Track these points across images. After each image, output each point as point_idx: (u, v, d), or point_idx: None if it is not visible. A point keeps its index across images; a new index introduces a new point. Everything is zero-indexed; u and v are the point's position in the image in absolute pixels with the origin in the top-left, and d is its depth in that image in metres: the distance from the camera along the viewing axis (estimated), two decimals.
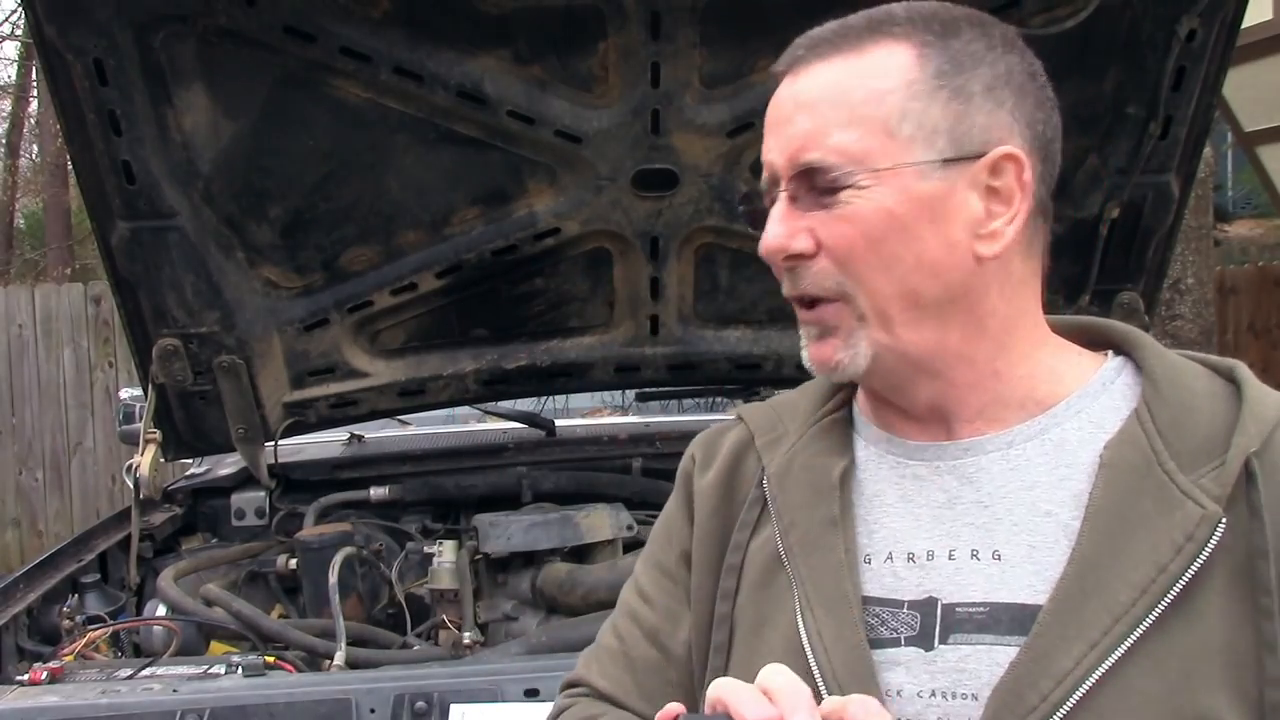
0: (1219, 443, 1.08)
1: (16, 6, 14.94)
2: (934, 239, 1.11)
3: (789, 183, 1.14)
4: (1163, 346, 1.18)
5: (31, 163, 17.77)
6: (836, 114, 1.11)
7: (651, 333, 3.35)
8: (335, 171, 2.92)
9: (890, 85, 1.11)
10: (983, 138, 1.12)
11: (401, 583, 3.09)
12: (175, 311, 3.00)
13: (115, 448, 8.47)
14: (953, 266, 1.12)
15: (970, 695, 1.08)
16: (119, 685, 2.30)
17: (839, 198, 1.11)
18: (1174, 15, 2.74)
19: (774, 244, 1.15)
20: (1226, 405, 1.11)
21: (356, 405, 3.38)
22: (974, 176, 1.12)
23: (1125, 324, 1.23)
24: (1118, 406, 1.14)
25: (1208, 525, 1.04)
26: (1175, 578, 1.03)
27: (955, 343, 1.14)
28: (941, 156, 1.11)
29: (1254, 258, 12.89)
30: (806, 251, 1.14)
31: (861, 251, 1.11)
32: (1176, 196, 3.09)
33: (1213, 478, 1.06)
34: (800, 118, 1.13)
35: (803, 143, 1.13)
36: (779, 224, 1.15)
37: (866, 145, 1.10)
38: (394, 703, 2.16)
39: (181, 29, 2.61)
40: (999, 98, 1.13)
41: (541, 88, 2.80)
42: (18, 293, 9.29)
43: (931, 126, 1.11)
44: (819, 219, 1.13)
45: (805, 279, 1.15)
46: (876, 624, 1.14)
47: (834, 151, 1.11)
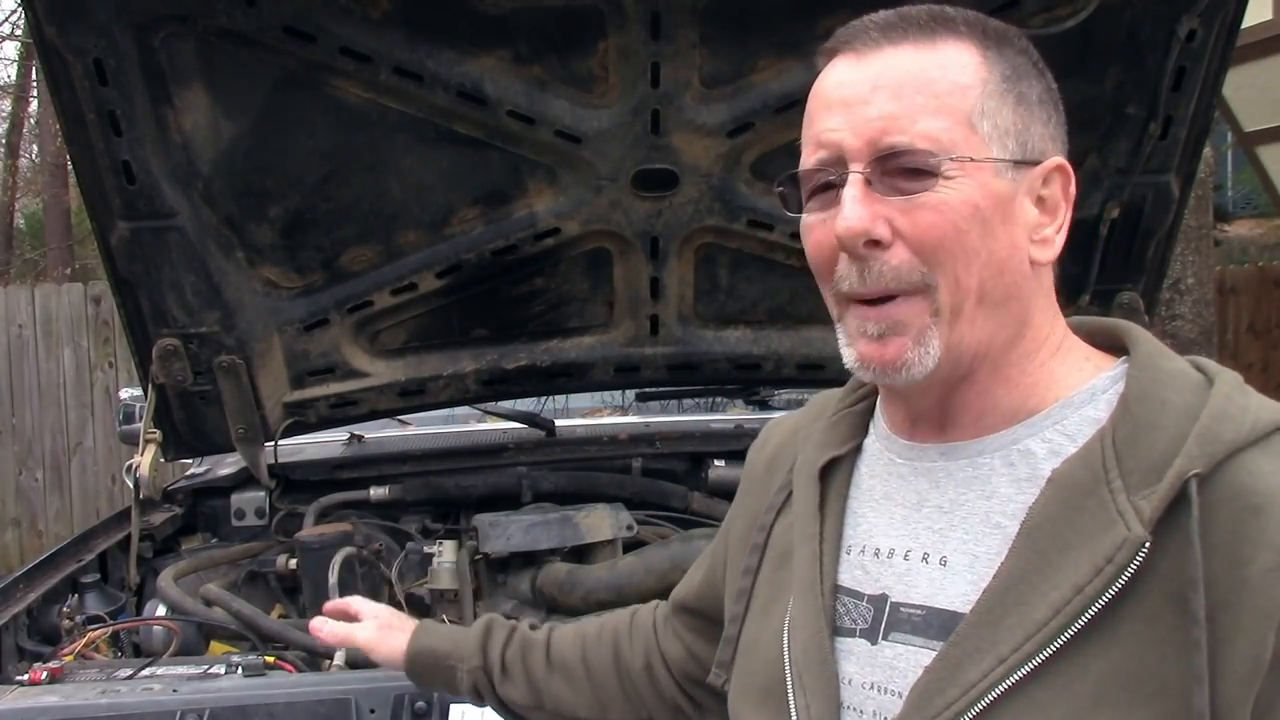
0: (1169, 462, 1.03)
1: (16, 6, 14.95)
2: (1004, 237, 1.11)
3: (868, 165, 1.09)
4: (1159, 354, 1.13)
5: (31, 163, 17.77)
6: (924, 100, 1.09)
7: (651, 333, 3.35)
8: (335, 171, 2.92)
9: (970, 80, 1.10)
10: (1040, 146, 1.14)
11: (401, 583, 3.08)
12: (175, 311, 3.00)
13: (115, 448, 8.47)
14: (1014, 268, 1.12)
15: (897, 693, 1.11)
16: (119, 685, 2.30)
17: (928, 185, 1.08)
18: (1174, 15, 2.73)
19: (858, 226, 1.08)
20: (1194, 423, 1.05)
21: (356, 405, 3.38)
22: (1031, 183, 1.13)
23: (1134, 328, 1.19)
24: (1097, 419, 1.10)
25: (1129, 549, 1.01)
26: (1091, 600, 1.01)
27: (999, 344, 1.13)
28: (1013, 158, 1.11)
29: (1254, 258, 12.89)
30: (884, 239, 1.09)
31: (950, 241, 1.08)
32: (1176, 196, 3.09)
33: (1148, 499, 1.02)
34: (880, 99, 1.09)
35: (885, 125, 1.08)
36: (859, 205, 1.09)
37: (954, 136, 1.08)
38: (394, 703, 2.16)
39: (181, 29, 2.61)
40: (1048, 111, 1.16)
41: (541, 88, 2.80)
42: (18, 293, 9.29)
43: (1004, 128, 1.11)
44: (898, 207, 1.09)
45: (885, 274, 1.09)
46: (843, 613, 1.18)
47: (922, 137, 1.08)
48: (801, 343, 3.41)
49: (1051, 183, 1.15)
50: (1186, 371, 1.11)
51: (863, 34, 1.13)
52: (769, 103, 2.80)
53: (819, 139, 1.12)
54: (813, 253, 1.15)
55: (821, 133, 1.12)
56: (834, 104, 1.12)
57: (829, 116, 1.12)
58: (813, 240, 1.14)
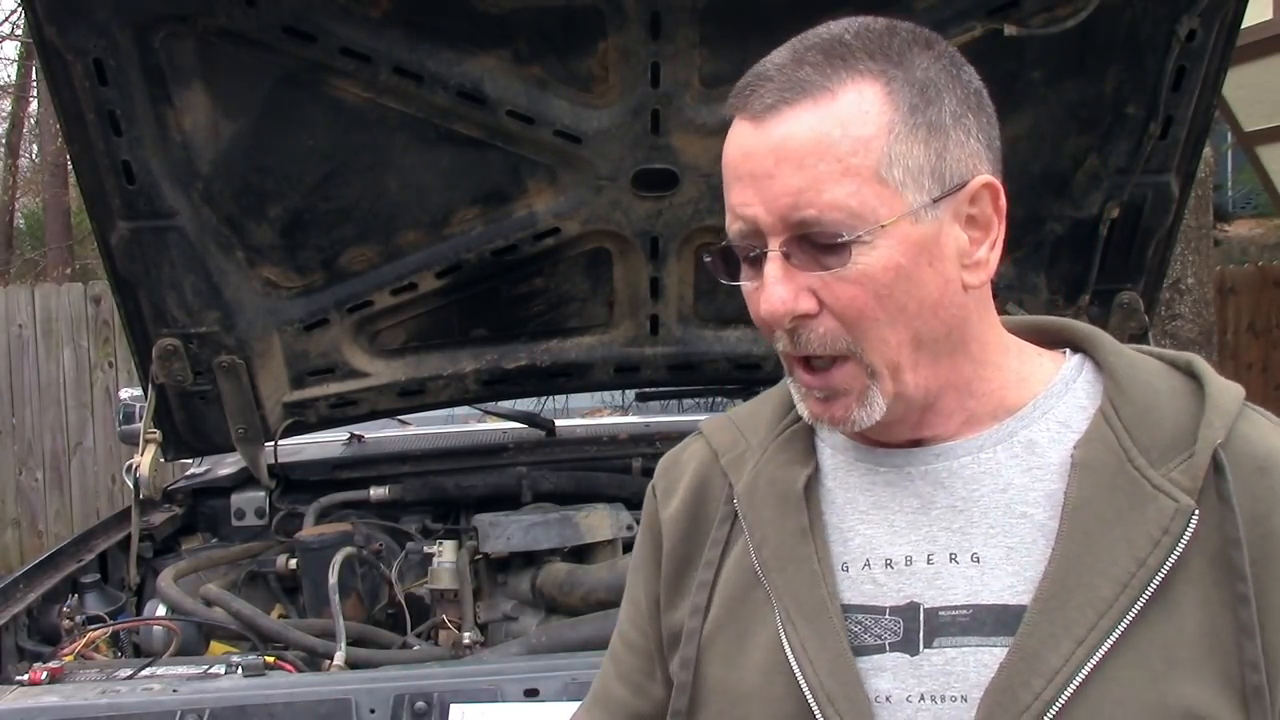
0: (1185, 436, 1.10)
1: (16, 6, 14.94)
2: (932, 280, 1.10)
3: (783, 242, 1.08)
4: (1118, 344, 1.19)
5: (31, 163, 17.78)
6: (827, 167, 1.06)
7: (651, 333, 3.35)
8: (335, 171, 2.92)
9: (873, 130, 1.07)
10: (960, 169, 1.10)
11: (401, 583, 3.09)
12: (175, 311, 3.00)
13: (115, 448, 8.46)
14: (949, 302, 1.11)
15: (960, 697, 1.09)
16: (119, 685, 2.30)
17: (844, 257, 1.07)
18: (1174, 15, 2.73)
19: (781, 308, 1.09)
20: (1188, 399, 1.13)
21: (356, 405, 3.38)
22: (957, 209, 1.11)
23: (1081, 322, 1.25)
24: (1083, 405, 1.15)
25: (1182, 518, 1.06)
26: (1154, 571, 1.05)
27: (945, 373, 1.14)
28: (931, 196, 1.08)
29: (1254, 258, 12.89)
30: (810, 312, 1.09)
31: (872, 310, 1.08)
32: (1176, 196, 3.09)
33: (1182, 470, 1.08)
34: (785, 172, 1.07)
35: (794, 200, 1.06)
36: (781, 285, 1.08)
37: (863, 198, 1.06)
38: (394, 703, 2.16)
39: (181, 29, 2.61)
40: (965, 125, 1.11)
41: (541, 88, 2.80)
42: (18, 293, 9.29)
43: (917, 168, 1.08)
44: (820, 279, 1.08)
45: (812, 341, 1.11)
46: (859, 631, 1.14)
47: (831, 208, 1.06)
48: None
49: (980, 200, 1.12)
50: (1147, 358, 1.18)
51: (758, 94, 1.09)
52: None
53: (735, 210, 1.11)
54: (754, 317, 1.14)
55: (736, 205, 1.11)
56: (743, 176, 1.10)
57: (740, 189, 1.10)
58: (752, 305, 1.14)
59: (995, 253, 1.14)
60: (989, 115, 1.15)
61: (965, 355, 1.15)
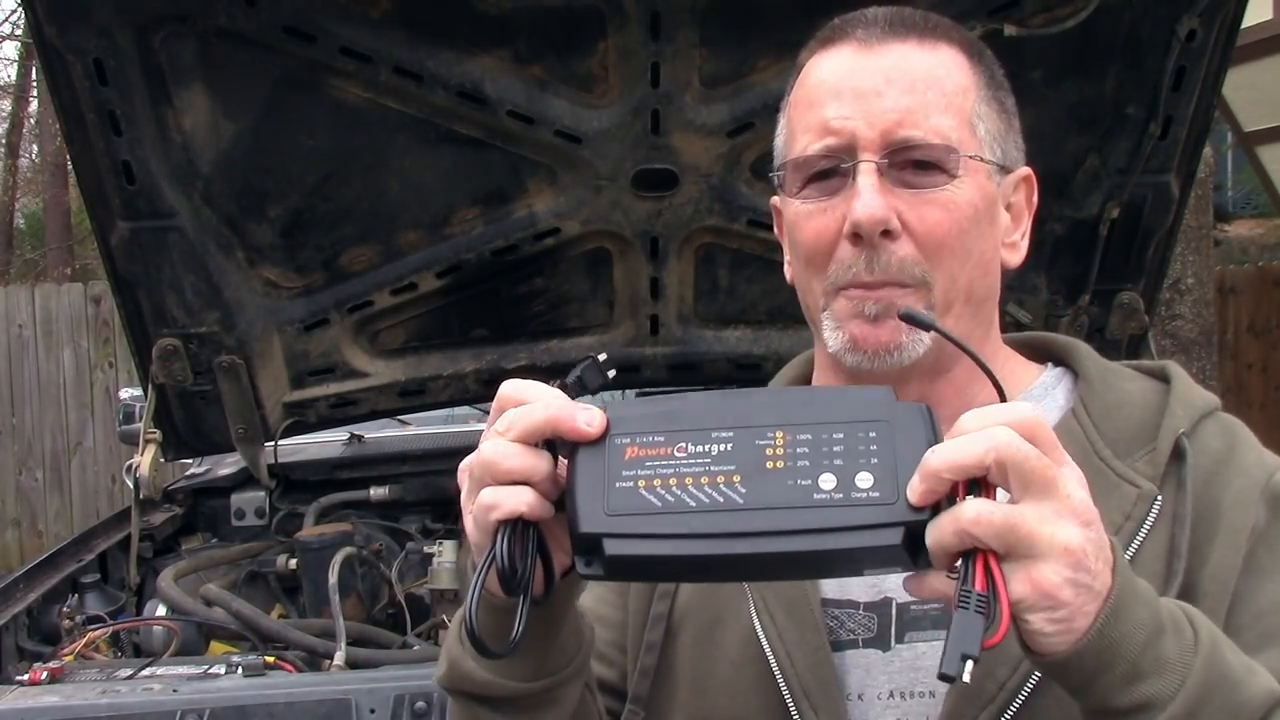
0: (1150, 430, 1.14)
1: (16, 6, 14.95)
2: (990, 239, 1.14)
3: (882, 156, 1.08)
4: (1096, 355, 1.23)
5: (31, 163, 17.78)
6: (934, 97, 1.10)
7: (651, 333, 3.35)
8: (335, 171, 2.92)
9: (968, 83, 1.12)
10: (1014, 154, 1.17)
11: (401, 583, 3.09)
12: (175, 311, 3.00)
13: (115, 448, 8.47)
14: (993, 270, 1.15)
15: (928, 693, 1.09)
16: (119, 685, 2.30)
17: (939, 181, 1.09)
18: (1174, 15, 2.73)
19: (880, 213, 1.07)
20: (1157, 398, 1.17)
21: (356, 405, 3.38)
22: (1006, 190, 1.16)
23: (1063, 336, 1.28)
24: (1059, 407, 1.19)
25: (1144, 503, 1.09)
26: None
27: (976, 340, 1.14)
28: (1000, 163, 1.14)
29: (1254, 258, 12.89)
30: (895, 231, 1.08)
31: (952, 241, 1.09)
32: (1176, 196, 3.09)
33: (1146, 460, 1.12)
34: (894, 91, 1.09)
35: (901, 117, 1.08)
36: (877, 194, 1.07)
37: (961, 135, 1.10)
38: (394, 703, 2.16)
39: (181, 29, 2.61)
40: (1016, 122, 1.18)
41: (541, 88, 2.80)
42: (18, 293, 9.29)
43: (993, 134, 1.13)
44: (907, 200, 1.09)
45: (891, 265, 1.09)
46: (835, 626, 1.14)
47: (935, 133, 1.09)
48: (801, 342, 3.38)
49: (1019, 190, 1.18)
50: (1123, 367, 1.23)
51: (868, 25, 1.13)
52: (769, 103, 2.78)
53: (827, 125, 1.10)
54: (810, 239, 1.12)
55: (832, 120, 1.10)
56: (844, 92, 1.10)
57: (838, 104, 1.10)
58: (811, 227, 1.11)
59: (1025, 243, 1.19)
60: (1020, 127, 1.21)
61: (987, 333, 1.18)
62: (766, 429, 0.91)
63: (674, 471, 0.90)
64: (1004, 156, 1.14)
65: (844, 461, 0.88)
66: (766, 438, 0.90)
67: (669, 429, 0.92)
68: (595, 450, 0.93)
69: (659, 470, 0.91)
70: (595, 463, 0.93)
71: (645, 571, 0.95)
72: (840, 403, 0.92)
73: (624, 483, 0.91)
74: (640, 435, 0.93)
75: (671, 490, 0.90)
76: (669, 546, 0.89)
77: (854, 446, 0.89)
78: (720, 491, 0.89)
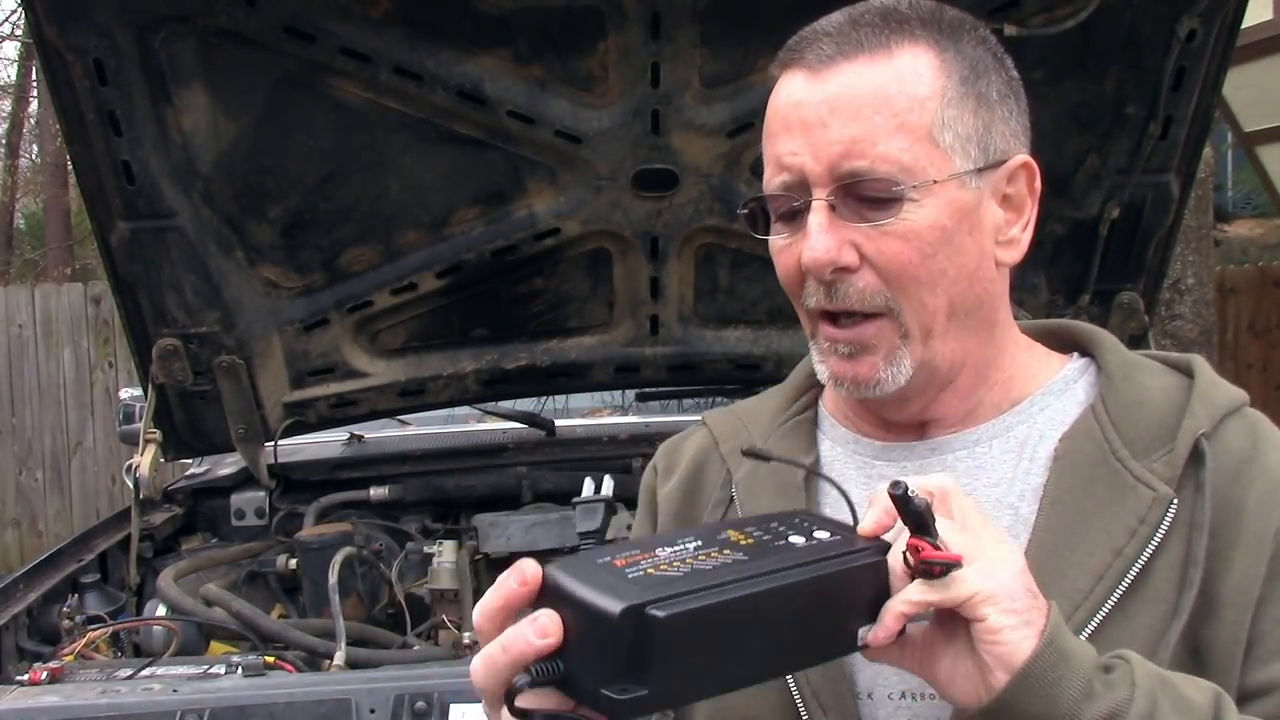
0: (1170, 429, 1.11)
1: (16, 6, 14.94)
2: (971, 249, 1.10)
3: (831, 192, 1.07)
4: (1121, 346, 1.20)
5: (31, 163, 17.77)
6: (882, 120, 1.06)
7: (651, 333, 3.35)
8: (335, 171, 2.92)
9: (927, 92, 1.08)
10: (1002, 145, 1.12)
11: (401, 583, 3.08)
12: (175, 311, 3.00)
13: (115, 448, 8.46)
14: (982, 276, 1.12)
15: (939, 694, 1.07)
16: (119, 685, 2.30)
17: (892, 212, 1.06)
18: (1174, 15, 2.74)
19: (824, 257, 1.07)
20: (1180, 395, 1.14)
21: (356, 405, 3.38)
22: (996, 184, 1.12)
23: (1090, 325, 1.25)
24: (1080, 402, 1.16)
25: (1159, 507, 1.07)
26: (1131, 561, 1.06)
27: (971, 349, 1.14)
28: (976, 166, 1.09)
29: (1254, 258, 12.88)
30: (851, 265, 1.08)
31: (915, 268, 1.07)
32: (1176, 196, 3.09)
33: (1164, 462, 1.09)
34: (838, 122, 1.07)
35: (845, 149, 1.06)
36: (825, 235, 1.07)
37: (915, 155, 1.06)
38: (394, 703, 2.16)
39: (181, 29, 2.61)
40: (1009, 106, 1.13)
41: (541, 88, 2.80)
42: (18, 293, 9.29)
43: (966, 135, 1.09)
44: (864, 233, 1.07)
45: (850, 295, 1.09)
46: None
47: (883, 160, 1.06)
48: (801, 343, 3.38)
49: (1017, 180, 1.13)
50: (1147, 359, 1.20)
51: (815, 47, 1.10)
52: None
53: (780, 161, 1.10)
54: (782, 274, 1.14)
55: (782, 155, 1.10)
56: (792, 125, 1.10)
57: (788, 139, 1.10)
58: (781, 262, 1.13)
59: (1027, 234, 1.14)
60: (1024, 105, 1.16)
61: (989, 336, 1.15)
62: (720, 530, 0.97)
63: (669, 560, 0.91)
64: (985, 154, 1.10)
65: (797, 533, 0.97)
66: (724, 534, 0.96)
67: (638, 547, 0.93)
68: (584, 571, 0.89)
69: (656, 563, 0.91)
70: (593, 577, 0.88)
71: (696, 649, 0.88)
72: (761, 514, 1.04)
73: (633, 574, 0.89)
74: (616, 554, 0.91)
75: (679, 569, 0.90)
76: (712, 596, 0.88)
77: (796, 524, 0.99)
78: (720, 560, 0.92)
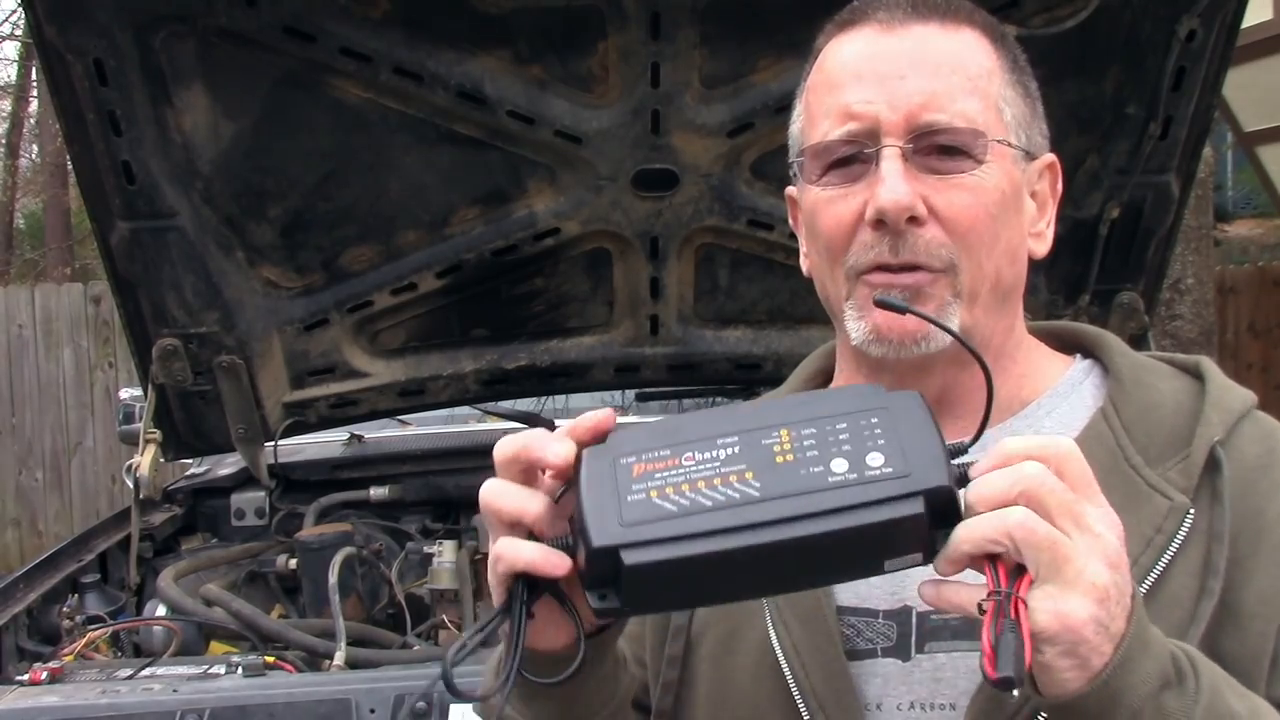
0: (1184, 435, 1.08)
1: (16, 6, 14.94)
2: (1018, 228, 1.11)
3: (907, 140, 1.06)
4: (1127, 348, 1.18)
5: (31, 163, 17.77)
6: (959, 80, 1.07)
7: (651, 333, 3.35)
8: (335, 171, 2.92)
9: (993, 67, 1.10)
10: (1039, 141, 1.14)
11: (401, 583, 3.09)
12: (175, 311, 3.00)
13: (115, 448, 8.46)
14: (1020, 259, 1.12)
15: (948, 705, 1.06)
16: (119, 685, 2.30)
17: (965, 166, 1.06)
18: (1174, 16, 2.73)
19: (906, 199, 1.04)
20: (1191, 400, 1.11)
21: (356, 405, 3.38)
22: (1030, 176, 1.13)
23: (1093, 327, 1.24)
24: (1087, 405, 1.14)
25: (1176, 517, 1.04)
26: (1147, 571, 1.03)
27: (1000, 332, 1.13)
28: (1025, 149, 1.11)
29: (1254, 258, 12.89)
30: (922, 216, 1.06)
31: (981, 226, 1.07)
32: (1176, 196, 3.09)
33: (1179, 469, 1.07)
34: (919, 74, 1.06)
35: (925, 101, 1.06)
36: (903, 181, 1.05)
37: (988, 119, 1.07)
38: (394, 703, 2.16)
39: (181, 29, 2.61)
40: (1040, 107, 1.15)
41: (541, 88, 2.80)
42: (18, 293, 9.30)
43: (1019, 118, 1.11)
44: (933, 185, 1.06)
45: (918, 247, 1.06)
46: (852, 635, 1.10)
47: (962, 117, 1.06)
48: (801, 343, 3.41)
49: (1043, 179, 1.15)
50: (1155, 361, 1.17)
51: (889, 7, 1.10)
52: (769, 103, 2.80)
53: (848, 110, 1.07)
54: (830, 226, 1.09)
55: (854, 104, 1.07)
56: (865, 75, 1.08)
57: (860, 87, 1.07)
58: (831, 213, 1.09)
59: (1051, 230, 1.15)
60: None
61: (1012, 325, 1.15)
62: (770, 429, 0.91)
63: (685, 478, 0.89)
64: (1029, 142, 1.12)
65: (852, 446, 0.88)
66: (772, 436, 0.90)
67: (672, 442, 0.92)
68: (601, 472, 0.91)
69: (670, 479, 0.90)
70: (602, 483, 0.91)
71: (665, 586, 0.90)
72: (836, 399, 0.94)
73: (635, 495, 0.89)
74: (644, 452, 0.91)
75: (685, 495, 0.89)
76: (691, 547, 0.87)
77: (859, 433, 0.89)
78: (735, 489, 0.88)
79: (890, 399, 0.91)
